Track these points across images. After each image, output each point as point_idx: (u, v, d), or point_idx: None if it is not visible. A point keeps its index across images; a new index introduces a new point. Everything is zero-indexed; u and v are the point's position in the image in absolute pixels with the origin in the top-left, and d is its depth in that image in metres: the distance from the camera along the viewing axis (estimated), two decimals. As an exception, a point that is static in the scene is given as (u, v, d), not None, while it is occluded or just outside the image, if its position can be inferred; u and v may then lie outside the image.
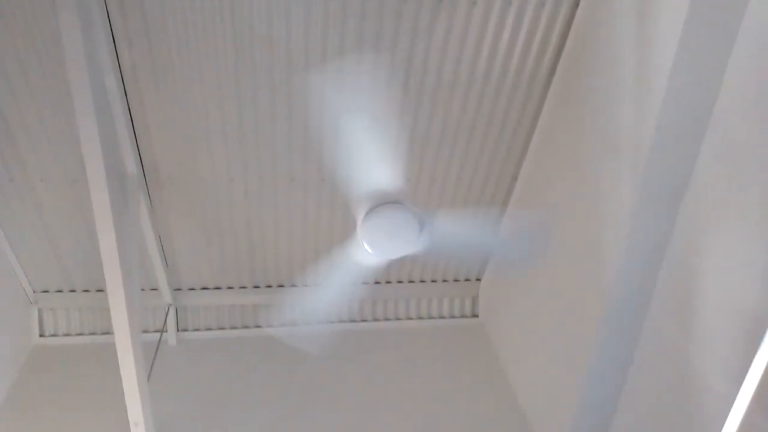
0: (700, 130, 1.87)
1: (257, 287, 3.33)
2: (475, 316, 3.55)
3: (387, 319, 3.48)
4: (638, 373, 2.25)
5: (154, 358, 2.89)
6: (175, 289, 3.25)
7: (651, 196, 2.00)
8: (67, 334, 3.22)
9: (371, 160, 2.20)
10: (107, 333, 3.22)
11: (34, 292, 3.14)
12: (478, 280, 3.51)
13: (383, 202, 2.54)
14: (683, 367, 1.99)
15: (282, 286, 3.35)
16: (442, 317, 3.52)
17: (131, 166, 2.51)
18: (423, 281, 3.46)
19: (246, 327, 3.37)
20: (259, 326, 3.38)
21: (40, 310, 3.18)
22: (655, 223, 2.03)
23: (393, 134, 2.43)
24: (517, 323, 3.08)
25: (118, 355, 2.30)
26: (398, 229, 2.97)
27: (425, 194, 3.02)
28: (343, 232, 3.04)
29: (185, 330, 3.32)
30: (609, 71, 2.22)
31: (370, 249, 2.98)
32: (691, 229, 1.96)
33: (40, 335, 3.19)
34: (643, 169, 1.96)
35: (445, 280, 3.48)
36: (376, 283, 3.42)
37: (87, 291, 3.18)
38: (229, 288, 3.32)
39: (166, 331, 3.21)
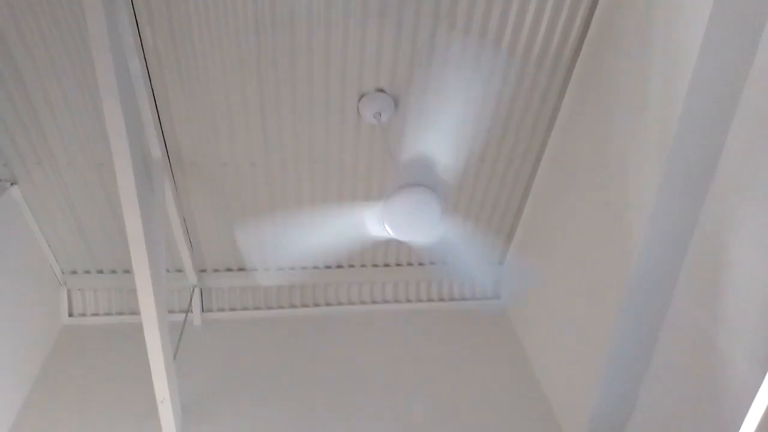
0: (729, 111, 1.83)
1: (281, 269, 3.36)
2: (497, 297, 3.54)
3: (409, 301, 3.49)
4: (662, 355, 2.23)
5: (180, 338, 2.95)
6: (200, 271, 3.30)
7: (678, 177, 1.96)
8: (95, 314, 3.30)
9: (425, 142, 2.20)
10: (134, 313, 3.29)
11: (62, 273, 3.22)
12: (501, 263, 3.50)
13: (414, 183, 2.54)
14: (708, 350, 1.97)
15: (305, 267, 3.38)
16: (464, 299, 3.52)
17: (155, 149, 2.54)
18: (445, 263, 3.46)
19: (270, 308, 3.41)
20: (282, 307, 3.42)
21: (69, 291, 3.25)
22: (681, 205, 2.00)
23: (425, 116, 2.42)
24: (540, 304, 3.07)
25: (145, 334, 2.34)
26: (421, 213, 2.96)
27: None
28: (361, 211, 3.04)
29: (210, 311, 3.37)
30: (635, 50, 2.17)
31: (390, 228, 2.99)
32: (718, 211, 1.92)
33: (70, 315, 3.27)
34: (670, 150, 1.93)
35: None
36: (398, 265, 3.43)
37: (114, 272, 3.25)
38: (254, 269, 3.35)
39: (191, 311, 3.27)
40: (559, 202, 2.83)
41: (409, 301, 3.50)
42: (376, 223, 2.68)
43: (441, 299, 3.51)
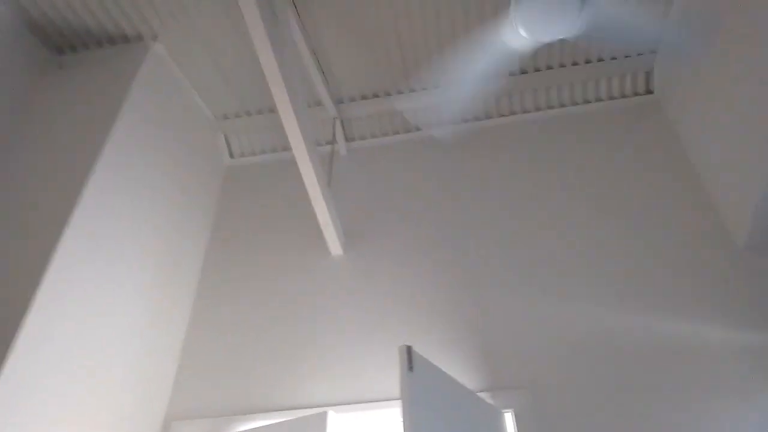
0: None
1: (414, 91, 3.32)
2: (650, 92, 3.25)
3: (551, 107, 3.32)
4: None
5: (331, 167, 3.12)
6: (338, 102, 3.36)
7: None
8: (252, 154, 3.57)
9: None
10: (287, 149, 3.51)
11: (216, 119, 3.46)
12: (653, 52, 3.14)
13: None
14: None
15: (438, 86, 3.30)
16: (612, 98, 3.28)
17: (274, -18, 2.49)
18: (588, 62, 3.19)
19: (409, 131, 3.45)
20: (419, 129, 3.44)
21: (225, 135, 3.51)
22: None
23: None
24: (698, 97, 2.76)
25: (299, 166, 2.50)
26: (557, 7, 2.68)
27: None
28: (494, 19, 2.84)
29: (353, 139, 3.49)
30: None
31: (525, 32, 2.77)
32: None
33: (231, 157, 3.57)
34: None
35: (613, 58, 3.17)
36: (536, 70, 3.23)
37: (261, 113, 3.42)
38: (387, 95, 3.35)
39: (336, 142, 3.40)
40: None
41: (551, 107, 3.33)
42: (510, 31, 2.48)
43: (587, 101, 3.29)
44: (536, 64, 3.20)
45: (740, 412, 2.13)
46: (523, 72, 3.23)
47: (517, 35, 2.83)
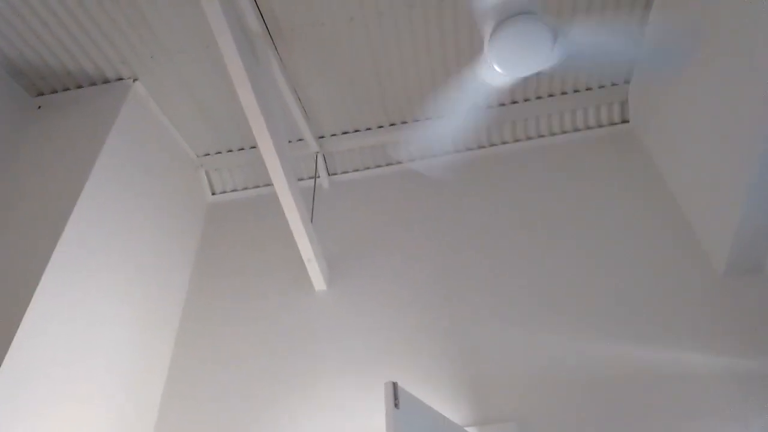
0: None
1: (393, 125, 3.36)
2: (626, 121, 3.32)
3: (529, 138, 3.38)
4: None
5: (313, 202, 3.12)
6: (319, 137, 3.39)
7: None
8: (234, 190, 3.57)
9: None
10: (269, 185, 3.51)
11: (197, 156, 3.46)
12: (627, 83, 3.23)
13: (511, 13, 2.34)
14: None
15: (417, 120, 3.35)
16: (589, 128, 3.34)
17: (254, 23, 2.53)
18: (564, 93, 3.26)
19: (389, 164, 3.48)
20: (400, 162, 3.47)
21: (207, 172, 3.51)
22: None
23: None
24: (673, 125, 2.83)
25: (281, 202, 2.51)
26: (529, 43, 2.74)
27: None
28: (470, 54, 2.90)
29: (335, 173, 3.51)
30: None
31: (500, 68, 2.82)
32: None
33: (212, 194, 3.57)
34: None
35: (588, 89, 3.25)
36: (513, 102, 3.29)
37: (242, 149, 3.44)
38: (368, 129, 3.38)
39: (319, 176, 3.42)
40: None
41: (530, 138, 3.38)
42: (493, 74, 2.52)
43: (564, 131, 3.35)
44: (513, 97, 3.26)
45: (728, 437, 2.13)
46: (501, 104, 3.29)
47: (493, 71, 2.89)
